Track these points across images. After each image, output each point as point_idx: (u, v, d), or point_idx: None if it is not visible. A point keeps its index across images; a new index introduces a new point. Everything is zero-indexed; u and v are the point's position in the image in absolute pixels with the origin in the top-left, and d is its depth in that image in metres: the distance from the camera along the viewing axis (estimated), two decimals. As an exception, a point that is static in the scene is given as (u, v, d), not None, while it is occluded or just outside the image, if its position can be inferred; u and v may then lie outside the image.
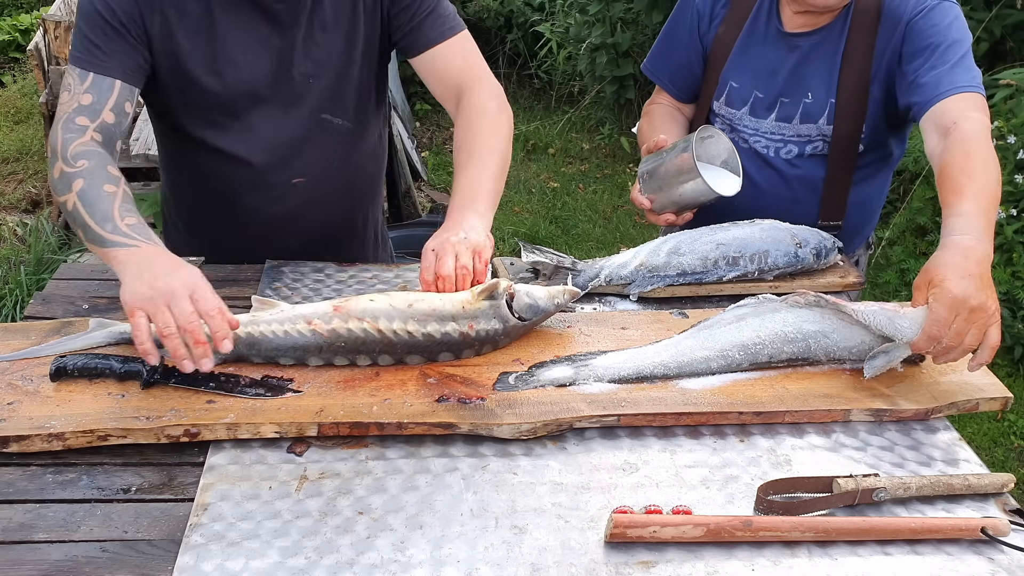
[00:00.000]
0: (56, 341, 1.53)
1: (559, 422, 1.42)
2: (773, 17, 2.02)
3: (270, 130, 1.81)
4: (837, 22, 1.97)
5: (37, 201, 4.75)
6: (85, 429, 1.34)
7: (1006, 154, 3.83)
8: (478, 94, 1.79)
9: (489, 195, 1.67)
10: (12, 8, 6.90)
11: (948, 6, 1.90)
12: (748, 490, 1.35)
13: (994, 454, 3.28)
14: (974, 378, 1.58)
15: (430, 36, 1.81)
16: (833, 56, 1.97)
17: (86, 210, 1.51)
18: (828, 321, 1.58)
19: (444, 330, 1.49)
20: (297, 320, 1.49)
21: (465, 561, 1.20)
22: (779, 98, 2.02)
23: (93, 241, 1.51)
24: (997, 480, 1.37)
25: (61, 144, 1.60)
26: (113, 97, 1.67)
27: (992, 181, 1.66)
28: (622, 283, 1.81)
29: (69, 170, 1.56)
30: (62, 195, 1.56)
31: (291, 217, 1.89)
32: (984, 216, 1.57)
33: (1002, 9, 4.27)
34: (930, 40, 1.87)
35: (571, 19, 5.91)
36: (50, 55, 4.08)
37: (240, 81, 1.75)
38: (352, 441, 1.40)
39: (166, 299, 1.38)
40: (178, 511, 1.27)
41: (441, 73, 1.83)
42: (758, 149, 2.05)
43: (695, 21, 2.10)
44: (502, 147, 1.75)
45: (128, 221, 1.51)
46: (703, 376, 1.54)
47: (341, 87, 1.83)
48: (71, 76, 1.68)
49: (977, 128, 1.74)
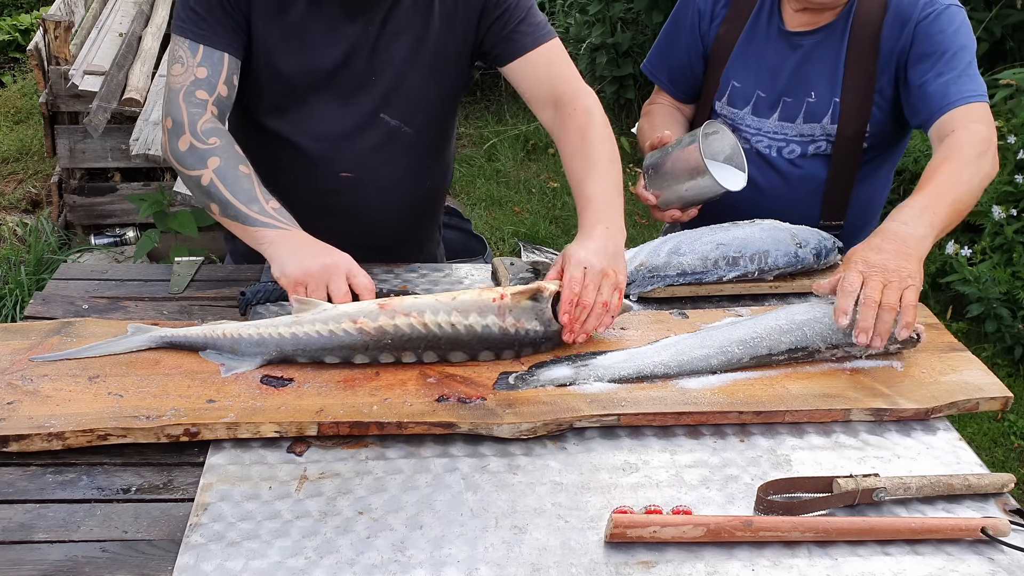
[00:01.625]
0: (98, 343, 1.53)
1: (559, 422, 1.42)
2: (775, 16, 2.01)
3: (325, 120, 1.83)
4: (839, 21, 1.96)
5: (37, 201, 4.75)
6: (85, 428, 1.34)
7: (1006, 154, 3.82)
8: (583, 101, 1.78)
9: (619, 208, 1.67)
10: (12, 8, 6.90)
11: (956, 11, 1.89)
12: (748, 490, 1.35)
13: (994, 454, 3.28)
14: (974, 378, 1.58)
15: (524, 43, 1.81)
16: (836, 55, 1.97)
17: (227, 188, 1.61)
18: (818, 309, 1.61)
19: (485, 322, 1.50)
20: (342, 319, 1.49)
21: (465, 561, 1.20)
22: (782, 97, 2.02)
23: (234, 218, 1.61)
24: (997, 480, 1.37)
25: (188, 118, 1.65)
26: (225, 70, 1.72)
27: (958, 183, 1.68)
28: (622, 283, 1.81)
29: (202, 146, 1.64)
30: (194, 169, 1.64)
31: (335, 210, 1.90)
32: (931, 211, 1.63)
33: (1002, 9, 4.27)
34: (938, 45, 1.86)
35: (571, 19, 5.91)
36: (50, 55, 4.07)
37: (304, 67, 1.78)
38: (352, 441, 1.40)
39: (327, 276, 1.53)
40: (178, 511, 1.27)
41: (537, 80, 1.82)
42: (760, 149, 2.05)
43: (696, 20, 2.09)
44: (617, 156, 1.75)
45: (272, 204, 1.62)
46: (703, 375, 1.54)
47: (402, 90, 1.84)
48: (181, 48, 1.70)
49: (970, 137, 1.75)
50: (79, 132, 4.12)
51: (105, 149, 4.20)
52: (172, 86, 1.69)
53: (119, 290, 1.78)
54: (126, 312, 1.69)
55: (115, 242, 4.28)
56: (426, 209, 2.08)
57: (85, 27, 4.57)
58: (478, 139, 5.61)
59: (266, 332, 1.50)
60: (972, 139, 1.76)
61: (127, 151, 3.97)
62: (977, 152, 1.74)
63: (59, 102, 4.11)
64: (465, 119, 5.76)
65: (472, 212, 4.80)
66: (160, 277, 1.84)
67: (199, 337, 1.53)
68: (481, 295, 1.53)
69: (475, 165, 5.34)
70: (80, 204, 4.29)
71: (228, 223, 1.63)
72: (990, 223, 3.73)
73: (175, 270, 1.85)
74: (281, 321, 1.52)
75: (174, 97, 1.68)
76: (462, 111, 5.61)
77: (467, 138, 5.64)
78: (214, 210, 1.64)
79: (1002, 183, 3.74)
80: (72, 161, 4.21)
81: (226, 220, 1.63)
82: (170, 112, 1.67)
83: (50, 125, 4.18)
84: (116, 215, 4.31)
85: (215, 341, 1.52)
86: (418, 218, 2.06)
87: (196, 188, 1.65)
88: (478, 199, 5.00)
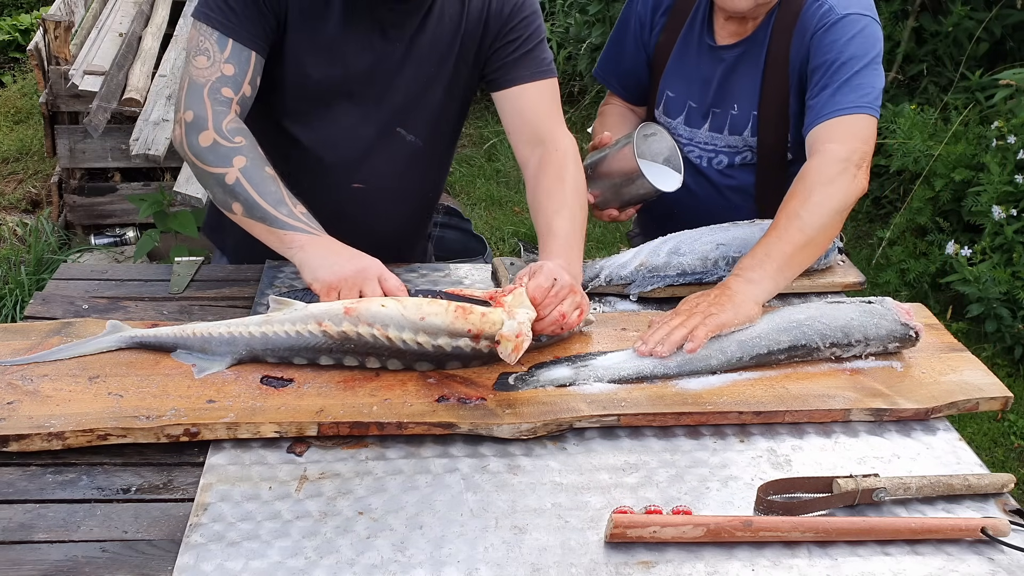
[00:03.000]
0: (68, 344, 1.53)
1: (559, 422, 1.42)
2: (705, 27, 2.00)
3: (345, 131, 1.82)
4: (759, 33, 1.94)
5: (37, 201, 4.75)
6: (85, 428, 1.34)
7: (1006, 154, 3.82)
8: (564, 146, 1.81)
9: (580, 251, 1.72)
10: (12, 8, 6.89)
11: (853, 19, 1.85)
12: (748, 490, 1.35)
13: (994, 454, 3.28)
14: (974, 378, 1.58)
15: (522, 74, 1.82)
16: (756, 68, 1.95)
17: (255, 189, 1.59)
18: (814, 308, 1.63)
19: (456, 344, 1.48)
20: (308, 320, 1.49)
21: (465, 561, 1.20)
22: (711, 108, 2.01)
23: (261, 219, 1.58)
24: (997, 480, 1.37)
25: (212, 115, 1.61)
26: (251, 70, 1.68)
27: (801, 220, 1.70)
28: (622, 283, 1.81)
29: (227, 144, 1.60)
30: (216, 167, 1.60)
31: (342, 219, 1.89)
32: (771, 258, 1.68)
33: (1002, 9, 4.27)
34: (826, 57, 1.84)
35: (571, 19, 5.91)
36: (50, 55, 4.07)
37: (333, 77, 1.76)
38: (352, 441, 1.40)
39: (360, 281, 1.52)
40: (178, 511, 1.27)
41: (524, 113, 1.83)
42: (691, 159, 2.04)
43: (637, 28, 2.09)
44: (586, 204, 1.81)
45: (300, 209, 1.61)
46: (703, 375, 1.54)
47: (420, 106, 1.84)
48: (207, 40, 1.65)
49: (820, 164, 1.76)
50: (79, 132, 4.12)
51: (105, 149, 4.20)
52: (196, 79, 1.64)
53: (119, 290, 1.78)
54: (126, 312, 1.69)
55: (115, 242, 4.28)
56: (426, 214, 2.10)
57: (85, 27, 4.57)
58: (478, 139, 5.60)
59: (236, 331, 1.50)
60: (823, 165, 1.75)
61: (127, 151, 3.97)
62: (827, 178, 1.73)
63: (59, 102, 4.11)
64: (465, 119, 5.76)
65: (472, 212, 4.80)
66: (160, 277, 1.84)
67: (169, 337, 1.53)
68: (454, 323, 1.47)
69: (475, 165, 5.34)
70: (80, 204, 4.29)
71: (251, 224, 1.60)
72: (990, 223, 3.73)
73: (175, 270, 1.85)
74: (251, 320, 1.52)
75: (198, 91, 1.63)
76: (462, 111, 5.61)
77: (467, 138, 5.64)
78: (236, 210, 1.60)
79: (1002, 183, 3.74)
80: (72, 161, 4.21)
81: (250, 221, 1.60)
82: (191, 106, 1.62)
83: (50, 125, 4.18)
84: (116, 215, 4.31)
85: (185, 341, 1.52)
86: (417, 224, 2.08)
87: (218, 186, 1.61)
88: (478, 199, 5.00)
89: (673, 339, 1.54)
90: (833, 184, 1.73)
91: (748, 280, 1.65)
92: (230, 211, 1.62)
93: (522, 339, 1.47)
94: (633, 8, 2.10)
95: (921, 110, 4.30)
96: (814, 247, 1.74)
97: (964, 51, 4.37)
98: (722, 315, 1.57)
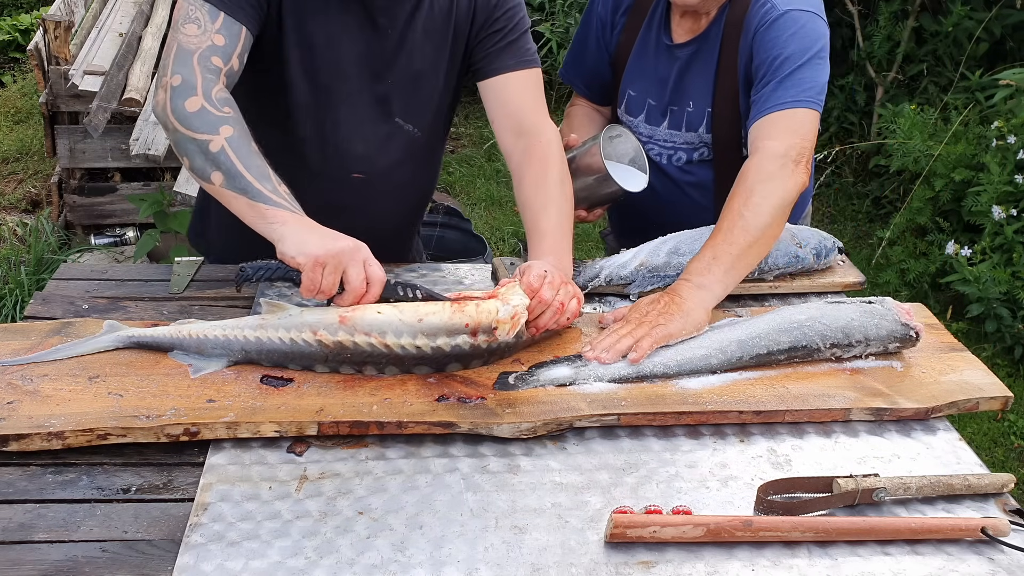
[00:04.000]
0: (65, 344, 1.53)
1: (559, 421, 1.42)
2: (661, 26, 2.00)
3: (343, 122, 1.82)
4: (712, 30, 1.94)
5: (37, 201, 4.74)
6: (85, 428, 1.34)
7: (1006, 154, 3.82)
8: (548, 136, 1.83)
9: (569, 244, 1.74)
10: (12, 8, 6.89)
11: (795, 16, 1.84)
12: (748, 490, 1.35)
13: (994, 454, 3.28)
14: (974, 378, 1.58)
15: (507, 63, 1.83)
16: (710, 66, 1.95)
17: (239, 160, 1.52)
18: (814, 308, 1.63)
19: (455, 343, 1.49)
20: (303, 329, 1.48)
21: (465, 561, 1.20)
22: (669, 106, 2.02)
23: (243, 191, 1.51)
24: (997, 480, 1.37)
25: (201, 81, 1.56)
26: (240, 44, 1.65)
27: (745, 221, 1.69)
28: (622, 283, 1.81)
29: (216, 112, 1.55)
30: (201, 133, 1.53)
31: (341, 210, 1.89)
32: (719, 261, 1.67)
33: (1002, 9, 4.27)
34: (768, 54, 1.83)
35: (571, 19, 5.90)
36: (50, 55, 4.07)
37: (329, 68, 1.76)
38: (352, 441, 1.40)
39: (347, 260, 1.48)
40: (178, 511, 1.27)
41: (508, 103, 1.84)
42: (652, 157, 2.05)
43: (599, 28, 2.09)
44: (571, 194, 1.81)
45: (284, 188, 1.55)
46: (703, 375, 1.54)
47: (419, 97, 1.84)
48: (199, 10, 1.62)
49: (759, 162, 1.76)
50: (79, 132, 4.12)
51: (105, 149, 4.19)
52: (184, 45, 1.59)
53: (119, 290, 1.78)
54: (126, 312, 1.69)
55: (115, 242, 4.28)
56: (421, 206, 2.10)
57: (85, 27, 4.57)
58: (478, 139, 5.60)
59: (232, 334, 1.50)
60: (761, 162, 1.75)
61: (127, 151, 3.97)
62: (766, 175, 1.73)
63: (59, 102, 4.11)
64: (465, 119, 5.76)
65: (472, 212, 4.80)
66: (160, 277, 1.84)
67: (166, 338, 1.53)
68: (452, 318, 1.48)
69: (475, 165, 5.34)
70: (80, 204, 4.29)
71: (230, 196, 1.52)
72: (990, 223, 3.73)
73: (175, 270, 1.85)
74: (247, 323, 1.52)
75: (187, 57, 1.58)
76: (461, 111, 5.61)
77: (467, 138, 5.64)
78: (215, 179, 1.52)
79: (1002, 183, 3.74)
80: (72, 161, 4.21)
81: (229, 193, 1.52)
82: (179, 70, 1.57)
83: (50, 125, 4.17)
84: (116, 215, 4.31)
85: (181, 342, 1.52)
86: (413, 218, 2.09)
87: (200, 153, 1.53)
88: (478, 199, 4.99)
89: (619, 348, 1.54)
90: (773, 181, 1.73)
91: (698, 285, 1.65)
92: (207, 180, 1.54)
93: (518, 317, 1.50)
94: (594, 8, 2.10)
95: (921, 110, 4.30)
96: (760, 246, 1.73)
97: (964, 51, 4.37)
98: (670, 325, 1.57)
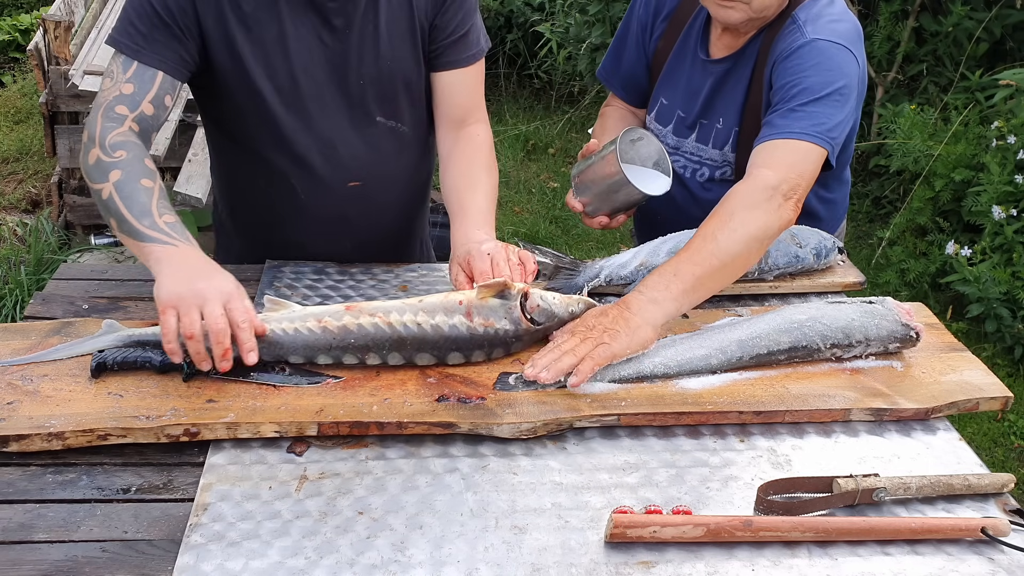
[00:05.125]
0: (64, 344, 1.53)
1: (559, 422, 1.42)
2: (700, 38, 1.98)
3: (326, 132, 1.81)
4: (749, 50, 1.91)
5: (37, 201, 4.75)
6: (85, 428, 1.34)
7: (1006, 154, 3.82)
8: (482, 129, 1.91)
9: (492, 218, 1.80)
10: (12, 8, 6.89)
11: (821, 47, 1.78)
12: (748, 490, 1.35)
13: (994, 454, 3.28)
14: (974, 378, 1.58)
15: (454, 58, 1.85)
16: (742, 84, 1.92)
17: (123, 202, 1.52)
18: (814, 308, 1.63)
19: (452, 322, 1.49)
20: (307, 318, 1.49)
21: (465, 561, 1.20)
22: (699, 120, 1.99)
23: (128, 234, 1.52)
24: (997, 480, 1.37)
25: (100, 131, 1.59)
26: (154, 89, 1.66)
27: (716, 243, 1.62)
28: (622, 283, 1.81)
29: (106, 159, 1.56)
30: (97, 183, 1.56)
31: (345, 220, 1.90)
32: (679, 278, 1.60)
33: (1002, 9, 4.27)
34: (786, 81, 1.79)
35: (571, 19, 5.90)
36: (50, 55, 4.07)
37: (295, 81, 1.75)
38: (352, 441, 1.40)
39: (200, 301, 1.40)
40: (178, 511, 1.27)
41: (453, 96, 1.87)
42: (676, 169, 2.01)
43: (639, 32, 2.07)
44: (496, 175, 1.89)
45: (167, 219, 1.52)
46: (703, 375, 1.54)
47: (395, 91, 1.84)
48: (114, 62, 1.67)
49: (748, 188, 1.69)
50: (79, 132, 4.12)
51: (105, 149, 4.19)
52: (96, 101, 1.65)
53: (119, 290, 1.78)
54: (126, 312, 1.69)
55: (115, 242, 4.27)
56: (423, 199, 2.09)
57: (85, 27, 4.57)
58: (478, 139, 5.59)
59: None
60: (749, 189, 1.68)
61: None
62: (751, 203, 1.66)
63: (59, 102, 4.11)
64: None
65: (472, 212, 4.79)
66: (160, 277, 1.83)
67: None
68: (448, 296, 1.54)
69: (475, 165, 5.33)
70: (80, 204, 4.29)
71: (125, 240, 1.53)
72: (990, 223, 3.73)
73: (175, 270, 1.84)
74: None
75: (96, 111, 1.62)
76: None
77: (467, 138, 5.63)
78: (112, 225, 1.54)
79: (1002, 183, 3.74)
80: (72, 161, 4.21)
81: (123, 237, 1.53)
82: (88, 126, 1.62)
83: (50, 125, 4.17)
84: (116, 215, 4.31)
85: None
86: (418, 210, 2.08)
87: (99, 203, 1.57)
88: (478, 199, 4.98)
89: (559, 367, 1.48)
90: (756, 210, 1.66)
91: (651, 300, 1.58)
92: (112, 228, 1.55)
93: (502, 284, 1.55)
94: (635, 10, 2.08)
95: (921, 110, 4.30)
96: (725, 273, 1.65)
97: (964, 51, 4.37)
98: (614, 344, 1.51)
